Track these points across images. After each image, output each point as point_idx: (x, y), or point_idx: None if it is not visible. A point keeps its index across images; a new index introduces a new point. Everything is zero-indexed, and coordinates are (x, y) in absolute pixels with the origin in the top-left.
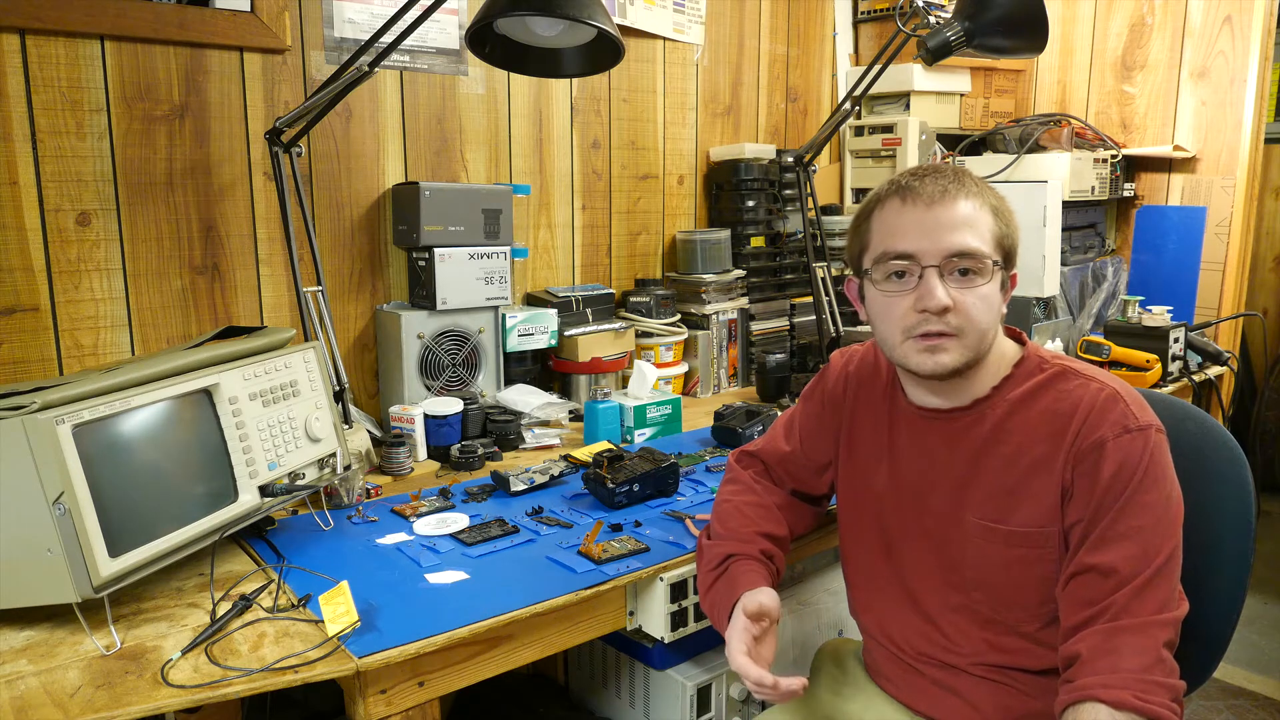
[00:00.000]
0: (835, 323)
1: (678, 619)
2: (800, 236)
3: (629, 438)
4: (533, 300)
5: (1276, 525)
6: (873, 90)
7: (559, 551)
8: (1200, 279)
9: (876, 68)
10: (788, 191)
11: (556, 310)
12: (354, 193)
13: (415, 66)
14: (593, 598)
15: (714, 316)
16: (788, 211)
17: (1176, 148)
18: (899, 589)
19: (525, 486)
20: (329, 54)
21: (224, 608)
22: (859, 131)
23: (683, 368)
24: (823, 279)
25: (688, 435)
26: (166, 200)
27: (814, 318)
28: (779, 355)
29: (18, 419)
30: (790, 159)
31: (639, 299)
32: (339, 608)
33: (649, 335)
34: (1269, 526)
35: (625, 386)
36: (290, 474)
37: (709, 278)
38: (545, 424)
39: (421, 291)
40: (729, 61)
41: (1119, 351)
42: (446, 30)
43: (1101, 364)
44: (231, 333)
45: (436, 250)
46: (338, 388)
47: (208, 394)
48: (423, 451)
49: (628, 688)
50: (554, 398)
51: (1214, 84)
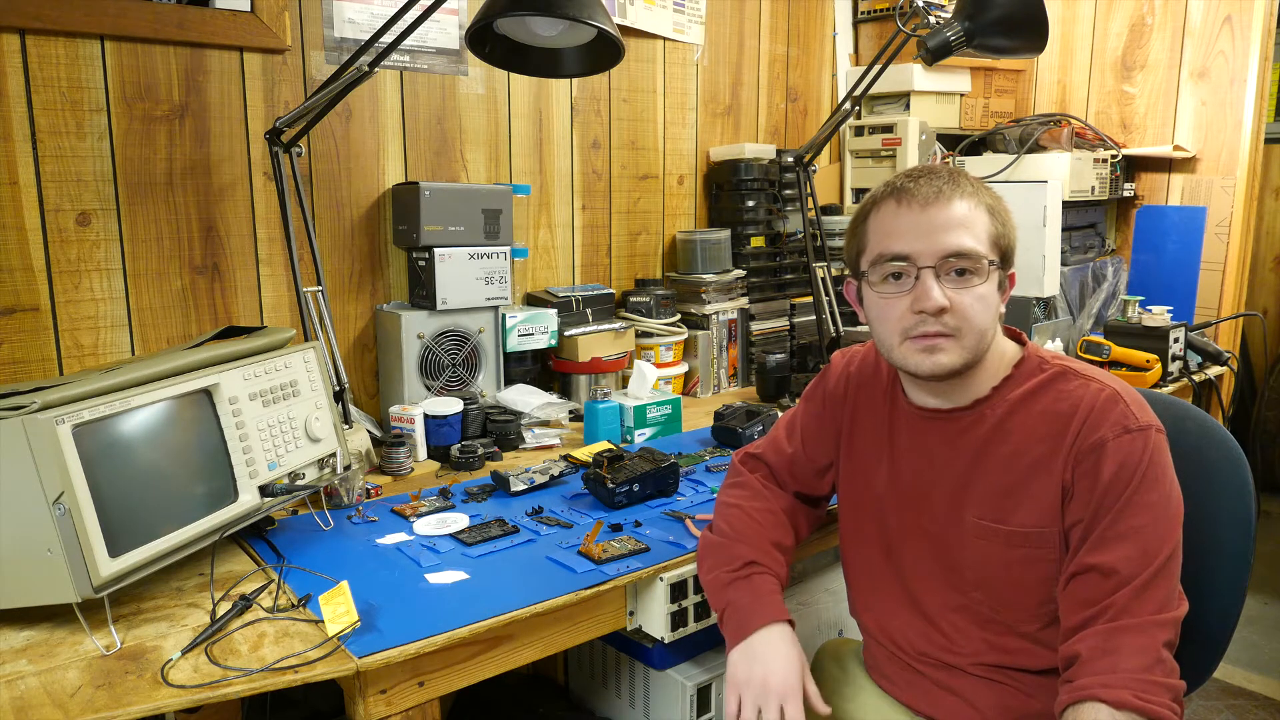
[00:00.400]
0: (835, 323)
1: (678, 619)
2: (800, 236)
3: (629, 438)
4: (533, 300)
5: (1276, 525)
6: (873, 90)
7: (559, 551)
8: (1200, 279)
9: (876, 68)
10: (788, 191)
11: (556, 310)
12: (354, 193)
13: (415, 66)
14: (593, 598)
15: (714, 316)
16: (788, 211)
17: (1176, 148)
18: (899, 589)
19: (525, 486)
20: (329, 54)
21: (224, 608)
22: (859, 131)
23: (683, 368)
24: (823, 279)
25: (688, 435)
26: (166, 200)
27: (814, 318)
28: (779, 355)
29: (18, 419)
30: (790, 159)
31: (639, 299)
32: (339, 608)
33: (649, 335)
34: (1269, 526)
35: (625, 386)
36: (290, 474)
37: (709, 278)
38: (545, 424)
39: (421, 291)
40: (729, 61)
41: (1119, 351)
42: (446, 30)
43: (1101, 364)
44: (231, 333)
45: (436, 250)
46: (338, 388)
47: (208, 394)
48: (423, 451)
49: (628, 688)
50: (554, 398)
51: (1214, 84)
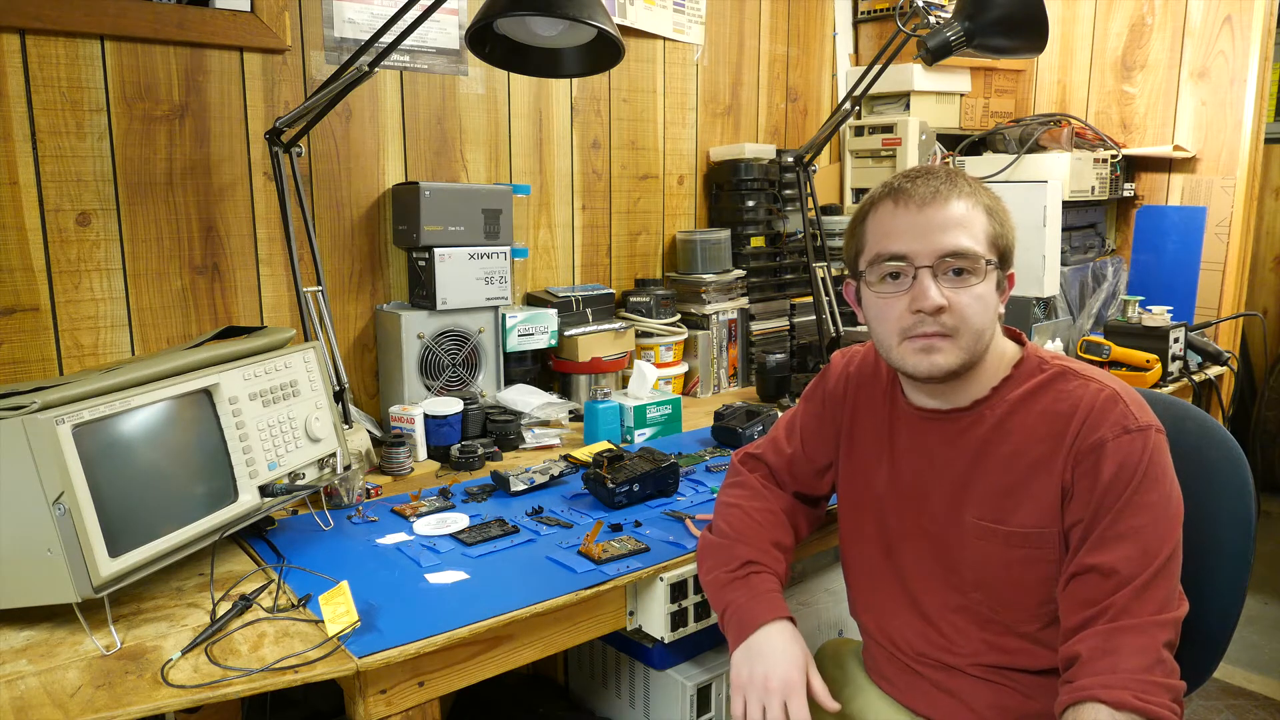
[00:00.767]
0: (835, 323)
1: (678, 619)
2: (800, 236)
3: (629, 438)
4: (533, 300)
5: (1276, 525)
6: (873, 90)
7: (559, 551)
8: (1200, 279)
9: (876, 68)
10: (788, 191)
11: (556, 310)
12: (354, 193)
13: (415, 66)
14: (593, 598)
15: (714, 316)
16: (788, 211)
17: (1176, 148)
18: (899, 589)
19: (525, 486)
20: (329, 54)
21: (224, 608)
22: (859, 131)
23: (683, 368)
24: (823, 279)
25: (688, 435)
26: (166, 200)
27: (814, 318)
28: (779, 355)
29: (18, 419)
30: (790, 159)
31: (639, 299)
32: (339, 608)
33: (649, 335)
34: (1269, 526)
35: (625, 386)
36: (290, 474)
37: (709, 278)
38: (545, 424)
39: (421, 291)
40: (729, 61)
41: (1119, 351)
42: (446, 30)
43: (1101, 364)
44: (231, 333)
45: (436, 250)
46: (338, 388)
47: (208, 394)
48: (423, 451)
49: (628, 688)
50: (554, 398)
51: (1214, 84)
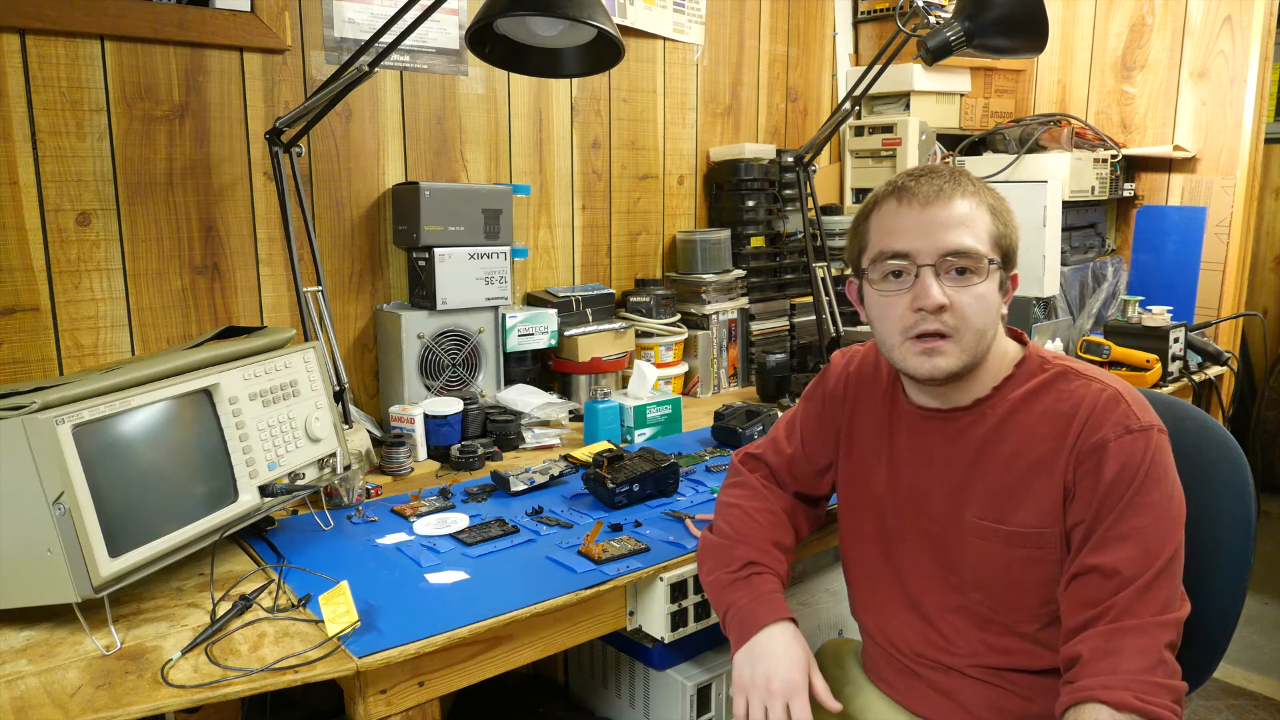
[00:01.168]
0: (835, 323)
1: (678, 619)
2: (800, 236)
3: (629, 438)
4: (533, 300)
5: (1276, 525)
6: (873, 90)
7: (559, 551)
8: (1200, 279)
9: (876, 68)
10: (788, 191)
11: (556, 310)
12: (354, 193)
13: (415, 66)
14: (593, 598)
15: (714, 316)
16: (788, 211)
17: (1176, 148)
18: (898, 589)
19: (525, 486)
20: (329, 54)
21: (224, 608)
22: (859, 131)
23: (683, 368)
24: (823, 279)
25: (688, 435)
26: (166, 200)
27: (814, 318)
28: (779, 355)
29: (18, 419)
30: (790, 159)
31: (639, 299)
32: (339, 608)
33: (649, 335)
34: (1269, 526)
35: (625, 386)
36: (290, 474)
37: (709, 278)
38: (545, 424)
39: (421, 291)
40: (729, 61)
41: (1119, 351)
42: (446, 30)
43: (1101, 364)
44: (231, 333)
45: (436, 250)
46: (338, 388)
47: (208, 394)
48: (423, 451)
49: (628, 688)
50: (554, 398)
51: (1214, 84)
